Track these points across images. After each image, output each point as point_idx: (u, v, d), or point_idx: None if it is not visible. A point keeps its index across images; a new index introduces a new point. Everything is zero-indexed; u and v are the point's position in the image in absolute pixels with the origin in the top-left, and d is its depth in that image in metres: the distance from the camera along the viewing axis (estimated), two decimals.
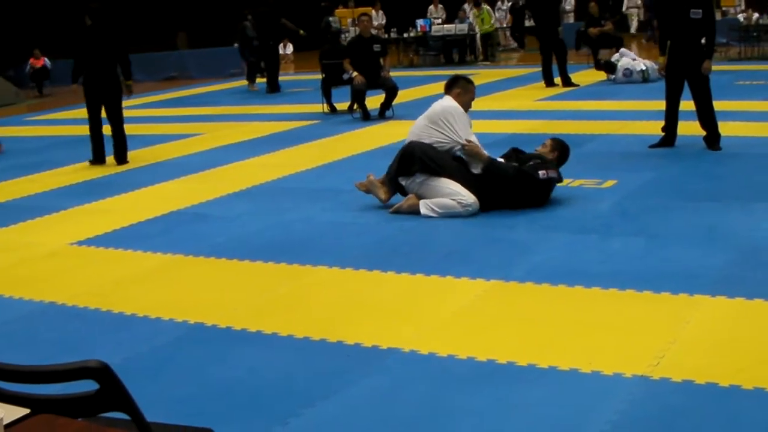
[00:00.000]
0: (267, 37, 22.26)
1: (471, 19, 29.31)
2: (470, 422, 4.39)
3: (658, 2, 12.24)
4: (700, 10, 10.93)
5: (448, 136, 8.82)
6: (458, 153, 8.81)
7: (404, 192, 8.94)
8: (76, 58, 13.55)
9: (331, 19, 25.80)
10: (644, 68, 19.19)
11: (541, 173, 8.54)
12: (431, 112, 9.01)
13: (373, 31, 19.27)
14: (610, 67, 19.85)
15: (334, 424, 4.49)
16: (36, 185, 11.87)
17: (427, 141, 8.81)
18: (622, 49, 20.37)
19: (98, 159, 13.39)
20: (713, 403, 4.42)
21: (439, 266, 7.01)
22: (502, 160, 8.98)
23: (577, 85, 19.30)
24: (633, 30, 33.29)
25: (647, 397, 4.54)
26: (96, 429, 2.23)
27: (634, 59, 19.67)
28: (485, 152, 8.80)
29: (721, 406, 4.39)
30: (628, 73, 19.38)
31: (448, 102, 9.04)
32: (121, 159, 13.28)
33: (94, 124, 13.31)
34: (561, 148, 9.09)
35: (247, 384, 5.06)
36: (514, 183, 8.56)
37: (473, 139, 8.86)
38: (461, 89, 9.16)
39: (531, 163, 8.67)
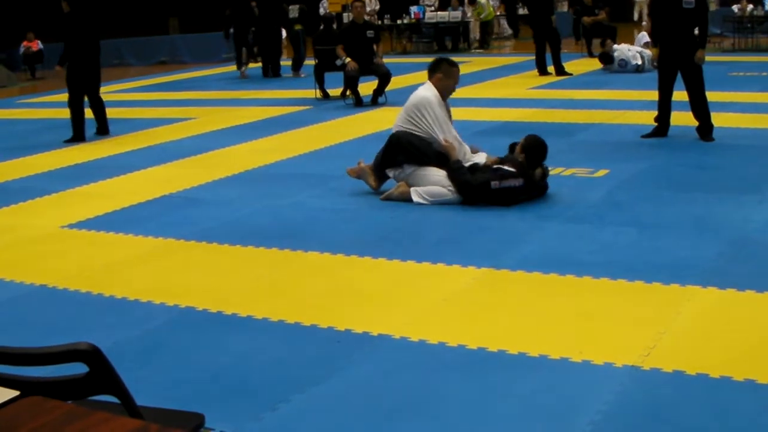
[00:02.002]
0: (270, 21, 22.19)
1: (469, 15, 29.26)
2: (460, 410, 4.39)
3: None
4: (693, 0, 10.91)
5: (424, 130, 8.79)
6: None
7: (390, 178, 8.94)
8: (65, 42, 13.93)
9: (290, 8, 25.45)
10: (639, 63, 19.17)
11: (494, 184, 8.38)
12: (408, 103, 8.98)
13: (367, 18, 19.24)
14: (607, 59, 19.83)
15: (324, 409, 4.49)
16: (27, 168, 11.84)
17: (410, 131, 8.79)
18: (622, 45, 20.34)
19: (78, 137, 13.97)
20: (704, 394, 4.43)
21: (430, 253, 7.01)
22: (483, 156, 8.90)
23: (571, 74, 19.31)
24: (639, 19, 33.07)
25: (637, 388, 4.54)
26: (85, 412, 2.22)
27: (629, 50, 19.65)
28: (456, 155, 8.72)
29: (712, 397, 4.39)
30: (624, 64, 19.38)
31: (424, 92, 8.95)
32: (104, 131, 14.35)
33: (75, 104, 13.99)
34: (530, 149, 8.66)
35: (237, 369, 5.06)
36: (467, 192, 8.49)
37: (452, 131, 8.81)
38: (443, 73, 9.06)
39: (496, 167, 8.52)
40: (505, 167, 8.47)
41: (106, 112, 14.39)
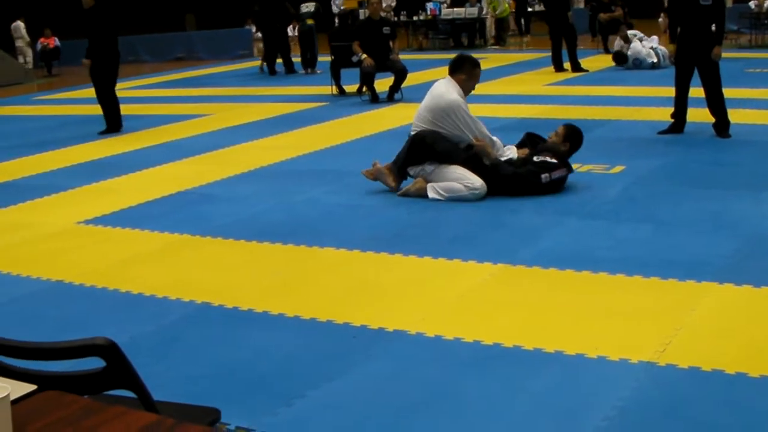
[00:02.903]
0: (273, 20, 22.17)
1: (485, 8, 29.21)
2: (476, 405, 4.39)
3: None
4: None
5: (452, 133, 8.77)
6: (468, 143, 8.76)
7: (410, 178, 8.93)
8: (89, 37, 14.09)
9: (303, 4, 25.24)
10: (654, 61, 19.13)
11: (544, 177, 8.49)
12: (434, 105, 8.86)
13: (383, 14, 19.24)
14: (620, 58, 19.79)
15: (339, 405, 4.50)
16: (44, 164, 11.88)
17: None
18: (637, 32, 20.28)
19: (114, 128, 14.34)
20: (719, 391, 4.42)
21: (446, 249, 7.01)
22: (513, 150, 8.93)
23: (587, 71, 19.28)
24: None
25: (653, 384, 4.54)
26: (102, 406, 2.23)
27: (646, 45, 19.60)
28: (493, 152, 8.75)
29: (727, 394, 4.38)
30: (638, 63, 19.35)
31: (449, 95, 8.84)
32: (118, 126, 14.50)
33: (105, 97, 14.28)
34: (573, 138, 8.99)
35: (253, 365, 5.07)
36: (516, 185, 8.53)
37: (482, 129, 8.80)
38: (467, 75, 9.00)
39: (538, 159, 8.61)
40: (549, 159, 8.54)
41: (120, 109, 14.55)
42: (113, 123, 14.35)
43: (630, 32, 20.20)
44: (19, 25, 30.14)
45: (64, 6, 31.03)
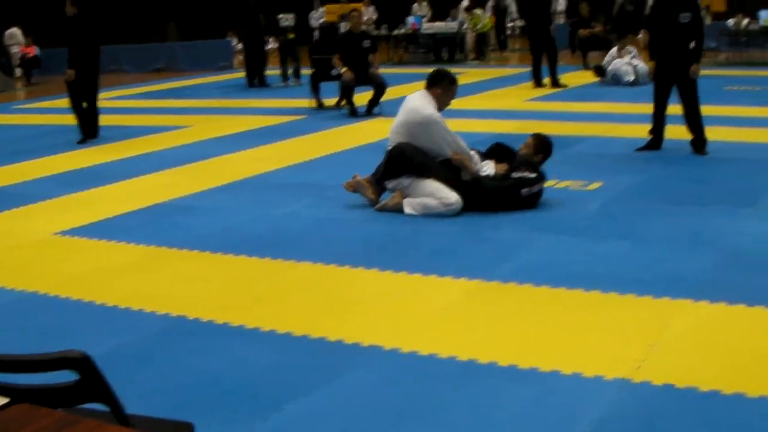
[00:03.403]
0: (254, 33, 22.17)
1: (465, 26, 29.24)
2: (450, 421, 4.40)
3: (651, 7, 12.25)
4: (689, 14, 10.95)
5: (429, 148, 8.77)
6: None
7: (389, 191, 8.93)
8: (70, 46, 14.19)
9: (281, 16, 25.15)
10: (632, 79, 19.16)
11: (524, 191, 8.53)
12: (409, 120, 8.83)
13: (364, 27, 19.24)
14: (600, 71, 19.86)
15: (315, 419, 4.50)
16: (22, 174, 11.84)
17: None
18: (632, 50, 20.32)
19: (90, 135, 14.43)
20: (693, 408, 4.44)
21: (422, 265, 7.02)
22: (491, 165, 8.93)
23: (566, 86, 19.31)
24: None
25: (628, 400, 4.55)
26: (75, 419, 2.23)
27: (622, 65, 19.64)
28: (472, 165, 8.76)
29: (702, 411, 4.40)
30: (617, 79, 19.40)
31: (425, 109, 8.81)
32: (95, 134, 14.58)
33: (78, 106, 14.40)
34: (545, 149, 9.04)
35: (228, 378, 5.06)
36: (496, 199, 8.55)
37: (459, 143, 8.81)
38: (443, 90, 8.99)
39: (517, 175, 8.63)
40: (528, 174, 8.57)
41: (98, 116, 14.67)
42: (89, 130, 14.48)
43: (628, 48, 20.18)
44: (16, 32, 30.03)
45: (44, 15, 31.01)
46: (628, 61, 19.61)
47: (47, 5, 31.10)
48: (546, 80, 19.43)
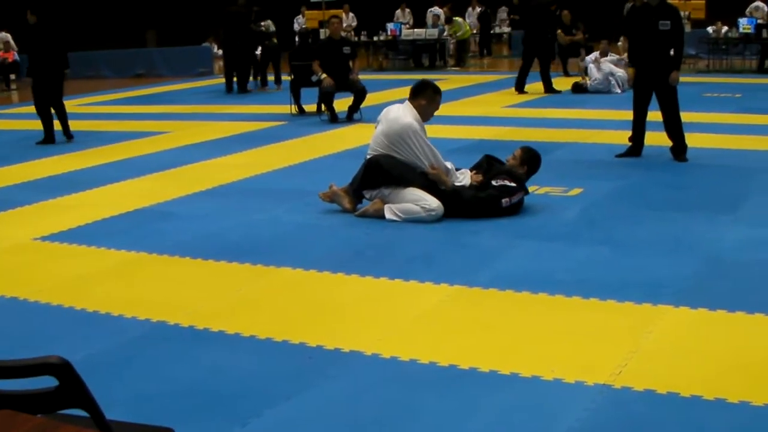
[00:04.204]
0: (235, 39, 22.16)
1: (445, 33, 29.27)
2: (431, 427, 4.39)
3: (627, 14, 12.30)
4: (669, 22, 10.99)
5: (407, 159, 8.76)
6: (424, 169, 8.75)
7: (367, 200, 8.91)
8: (30, 53, 14.90)
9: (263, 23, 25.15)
10: (620, 92, 19.11)
11: (504, 201, 8.52)
12: (389, 129, 8.82)
13: (344, 33, 19.24)
14: (579, 89, 19.75)
15: (295, 425, 4.49)
16: (1, 179, 11.78)
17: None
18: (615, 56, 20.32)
19: (48, 139, 14.83)
20: (674, 413, 4.44)
21: (403, 270, 7.01)
22: (467, 175, 8.92)
23: (560, 92, 19.35)
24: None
25: (609, 406, 4.55)
26: (55, 425, 2.21)
27: (604, 69, 19.66)
28: (449, 179, 8.75)
29: (682, 416, 4.41)
30: (602, 87, 19.43)
31: (406, 118, 8.81)
32: (69, 136, 15.05)
33: (42, 110, 14.90)
34: (530, 162, 9.00)
35: (209, 384, 5.04)
36: (476, 209, 8.54)
37: (438, 157, 8.79)
38: (427, 100, 8.99)
39: (497, 183, 8.62)
40: (507, 183, 8.55)
41: (67, 117, 15.12)
42: (48, 134, 14.94)
43: (610, 56, 20.16)
44: (6, 36, 29.92)
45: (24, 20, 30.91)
46: (609, 72, 19.62)
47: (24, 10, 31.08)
48: (528, 88, 19.42)
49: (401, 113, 8.88)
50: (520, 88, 19.51)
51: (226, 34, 22.38)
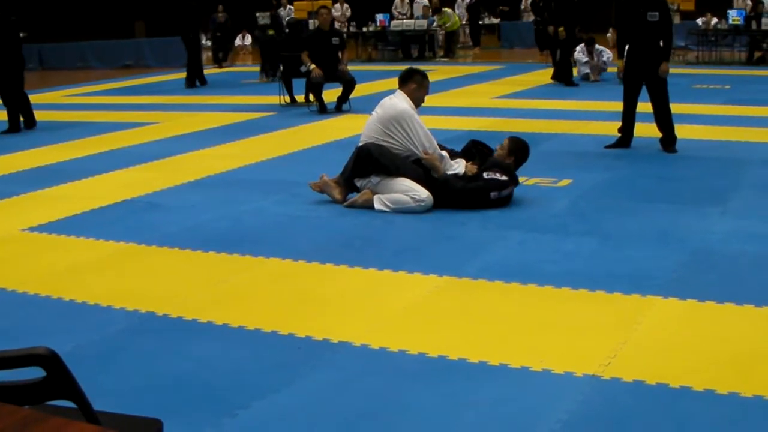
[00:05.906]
0: (188, 29, 22.13)
1: (435, 24, 29.26)
2: (420, 418, 4.39)
3: (615, 5, 12.30)
4: (657, 13, 11.00)
5: (402, 144, 8.76)
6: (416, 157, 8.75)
7: (359, 190, 8.90)
8: None
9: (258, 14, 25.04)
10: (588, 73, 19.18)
11: (493, 195, 8.50)
12: (384, 114, 8.86)
13: (337, 24, 19.21)
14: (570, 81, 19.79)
15: (284, 416, 4.47)
16: None
17: (382, 143, 8.76)
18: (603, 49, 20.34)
19: (14, 128, 15.34)
20: (664, 404, 4.44)
21: (391, 261, 7.00)
22: (462, 164, 8.90)
23: (576, 85, 19.31)
24: None
25: (598, 397, 4.55)
26: (42, 417, 2.20)
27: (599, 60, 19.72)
28: (442, 166, 8.74)
29: (672, 407, 4.40)
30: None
31: (401, 104, 8.88)
32: (31, 124, 15.63)
33: (6, 101, 15.38)
34: (518, 152, 8.94)
35: (197, 375, 5.03)
36: (464, 200, 8.53)
37: (433, 143, 8.80)
38: (417, 84, 9.04)
39: (488, 176, 8.60)
40: (498, 176, 8.53)
41: (31, 106, 15.66)
42: (18, 124, 15.33)
43: (597, 48, 20.18)
44: None
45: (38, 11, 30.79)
46: (596, 63, 19.69)
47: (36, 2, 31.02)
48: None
49: (396, 100, 8.94)
50: (567, 81, 19.35)
51: (185, 27, 22.36)
